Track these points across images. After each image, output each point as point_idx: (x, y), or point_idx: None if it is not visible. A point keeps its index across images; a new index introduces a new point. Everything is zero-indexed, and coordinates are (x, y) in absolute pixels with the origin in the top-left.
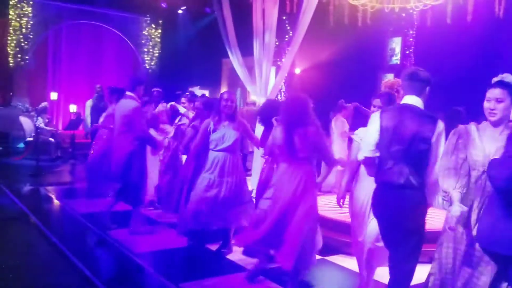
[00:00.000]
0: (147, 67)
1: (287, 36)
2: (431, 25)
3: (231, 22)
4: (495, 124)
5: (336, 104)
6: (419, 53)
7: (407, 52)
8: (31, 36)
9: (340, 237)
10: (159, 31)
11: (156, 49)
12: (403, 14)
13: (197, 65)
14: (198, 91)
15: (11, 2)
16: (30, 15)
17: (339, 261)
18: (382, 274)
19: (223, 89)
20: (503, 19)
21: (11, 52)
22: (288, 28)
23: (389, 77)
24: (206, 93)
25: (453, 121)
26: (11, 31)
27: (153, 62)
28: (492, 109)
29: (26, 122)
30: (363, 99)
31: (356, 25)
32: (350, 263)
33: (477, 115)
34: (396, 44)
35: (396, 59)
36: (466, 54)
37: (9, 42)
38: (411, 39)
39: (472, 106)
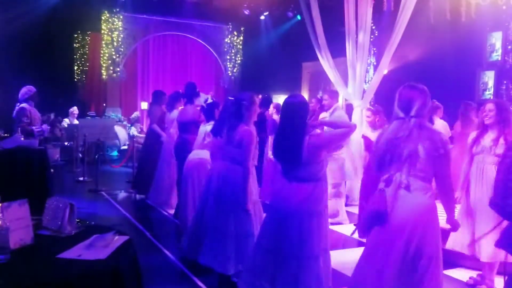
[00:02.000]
0: (230, 74)
1: (372, 36)
2: None
3: (320, 24)
4: None
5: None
6: None
7: (509, 47)
8: (122, 49)
9: None
10: (241, 38)
11: (238, 56)
12: (504, 7)
13: (278, 70)
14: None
15: (103, 17)
16: (121, 29)
17: None
18: None
19: (304, 93)
20: None
21: (104, 65)
22: (374, 27)
23: (489, 75)
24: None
25: None
26: (104, 45)
27: (235, 69)
28: None
29: (120, 131)
30: (460, 99)
31: (453, 21)
32: None
33: None
34: (496, 39)
35: (496, 55)
36: None
37: (102, 55)
38: None
39: None
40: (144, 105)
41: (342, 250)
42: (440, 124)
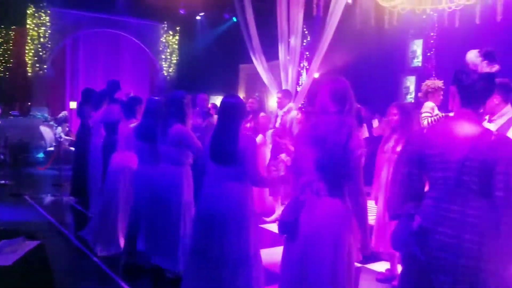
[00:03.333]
0: (165, 73)
1: (305, 41)
2: (453, 26)
3: (254, 27)
4: None
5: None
6: (440, 55)
7: (428, 54)
8: (49, 45)
9: None
10: (177, 37)
11: (174, 55)
12: (424, 16)
13: (215, 71)
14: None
15: (28, 12)
16: (48, 24)
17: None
18: None
19: (241, 94)
20: None
21: (29, 62)
22: (306, 32)
23: (411, 80)
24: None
25: None
26: (29, 41)
27: (171, 69)
28: None
29: (46, 131)
30: (384, 102)
31: (377, 28)
32: None
33: None
34: (417, 46)
35: (417, 61)
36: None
37: (27, 51)
38: (432, 41)
39: None
40: (73, 105)
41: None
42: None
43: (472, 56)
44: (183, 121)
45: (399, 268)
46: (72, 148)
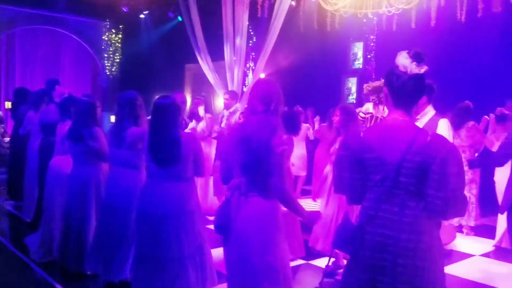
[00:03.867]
0: (108, 73)
1: (251, 42)
2: (391, 30)
3: (199, 27)
4: None
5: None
6: (380, 58)
7: (369, 56)
8: None
9: None
10: (120, 36)
11: (117, 54)
12: (364, 20)
13: (160, 71)
14: None
15: None
16: None
17: None
18: None
19: (187, 94)
20: (465, 23)
21: None
22: (252, 33)
23: (352, 81)
24: None
25: (464, 116)
26: None
27: (114, 68)
28: None
29: None
30: (328, 103)
31: (321, 30)
32: None
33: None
34: (358, 49)
35: (358, 63)
36: (428, 58)
37: None
38: (372, 44)
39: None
40: (9, 105)
41: None
42: (304, 128)
43: (402, 58)
44: (137, 123)
45: (345, 262)
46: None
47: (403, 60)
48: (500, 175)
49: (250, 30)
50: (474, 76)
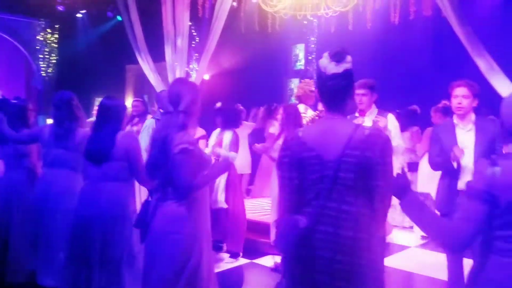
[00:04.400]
0: (43, 74)
1: (193, 42)
2: (331, 32)
3: (139, 27)
4: None
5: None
6: (321, 58)
7: (310, 58)
8: None
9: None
10: (56, 36)
11: (53, 55)
12: (305, 22)
13: (100, 72)
14: None
15: None
16: None
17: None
18: None
19: (128, 96)
20: (398, 26)
21: None
22: (195, 34)
23: (295, 82)
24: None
25: (410, 120)
26: None
27: (50, 69)
28: None
29: None
30: (271, 103)
31: (263, 32)
32: None
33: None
34: (299, 50)
35: (300, 65)
36: (365, 58)
37: None
38: (312, 46)
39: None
40: None
41: None
42: (248, 126)
43: (323, 58)
44: (80, 124)
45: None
46: None
47: (323, 61)
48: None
49: (193, 31)
50: (409, 76)
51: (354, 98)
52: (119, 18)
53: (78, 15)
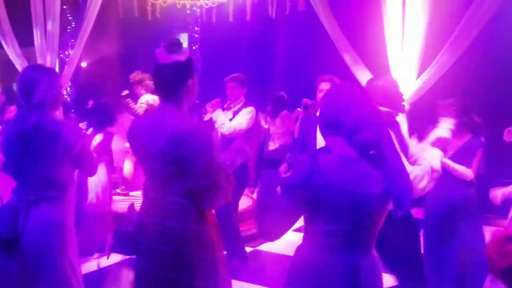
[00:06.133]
0: None
1: (69, 27)
2: (213, 22)
3: (3, 8)
4: None
5: None
6: (205, 48)
7: (194, 47)
8: None
9: None
10: None
11: None
12: (188, 11)
13: None
14: None
15: None
16: None
17: None
18: None
19: None
20: (275, 19)
21: None
22: (70, 18)
23: None
24: None
25: (279, 106)
26: None
27: None
28: None
29: None
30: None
31: (143, 19)
32: None
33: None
34: (183, 39)
35: None
36: (246, 49)
37: None
38: (196, 35)
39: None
40: None
41: None
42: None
43: (158, 49)
44: None
45: None
46: None
47: (158, 51)
48: None
49: (68, 15)
50: (285, 68)
51: (192, 90)
52: None
53: None
